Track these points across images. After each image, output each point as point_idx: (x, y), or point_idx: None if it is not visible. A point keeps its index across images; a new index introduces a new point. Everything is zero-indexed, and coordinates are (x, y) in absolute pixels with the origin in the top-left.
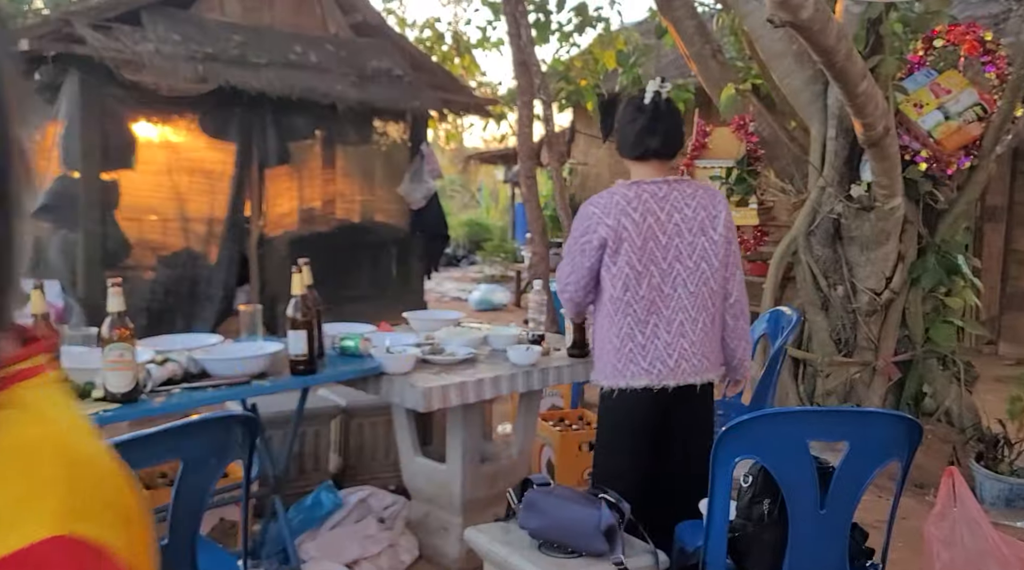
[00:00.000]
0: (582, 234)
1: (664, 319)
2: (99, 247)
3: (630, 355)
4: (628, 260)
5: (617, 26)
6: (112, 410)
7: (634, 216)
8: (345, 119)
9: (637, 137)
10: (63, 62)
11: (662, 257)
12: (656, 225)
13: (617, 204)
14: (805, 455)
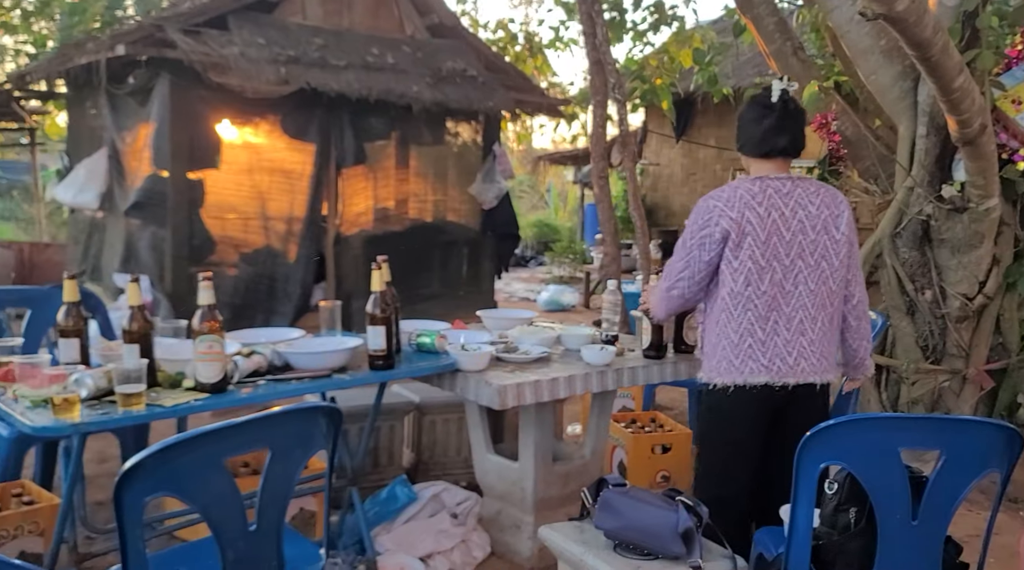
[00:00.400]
0: (702, 227)
1: (784, 316)
2: (186, 243)
3: (749, 351)
4: (751, 254)
5: (692, 24)
6: (202, 399)
7: (759, 210)
8: (419, 119)
9: (765, 135)
10: (155, 66)
11: (784, 253)
12: (780, 221)
13: (741, 198)
14: (897, 463)
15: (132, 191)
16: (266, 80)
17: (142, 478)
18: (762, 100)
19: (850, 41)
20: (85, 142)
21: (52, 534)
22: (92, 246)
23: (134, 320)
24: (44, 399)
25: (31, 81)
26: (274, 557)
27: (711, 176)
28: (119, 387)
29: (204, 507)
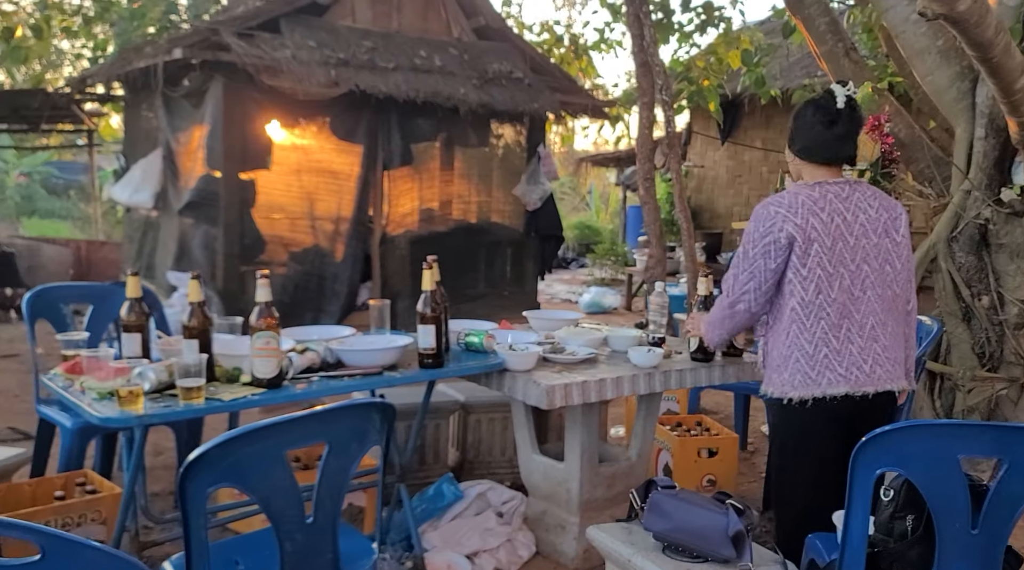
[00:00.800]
0: (764, 234)
1: (856, 323)
2: (237, 242)
3: (825, 361)
4: (819, 261)
5: (738, 25)
6: (259, 394)
7: (821, 216)
8: (465, 121)
9: (832, 143)
10: (209, 69)
11: (850, 259)
12: (843, 226)
13: (803, 203)
14: (956, 471)
15: (186, 191)
16: (316, 82)
17: (206, 469)
18: (826, 105)
19: (906, 41)
20: (140, 143)
21: (114, 522)
22: (146, 245)
23: (194, 316)
24: (110, 391)
25: (90, 84)
26: (329, 550)
27: (757, 178)
28: (180, 381)
29: (264, 499)
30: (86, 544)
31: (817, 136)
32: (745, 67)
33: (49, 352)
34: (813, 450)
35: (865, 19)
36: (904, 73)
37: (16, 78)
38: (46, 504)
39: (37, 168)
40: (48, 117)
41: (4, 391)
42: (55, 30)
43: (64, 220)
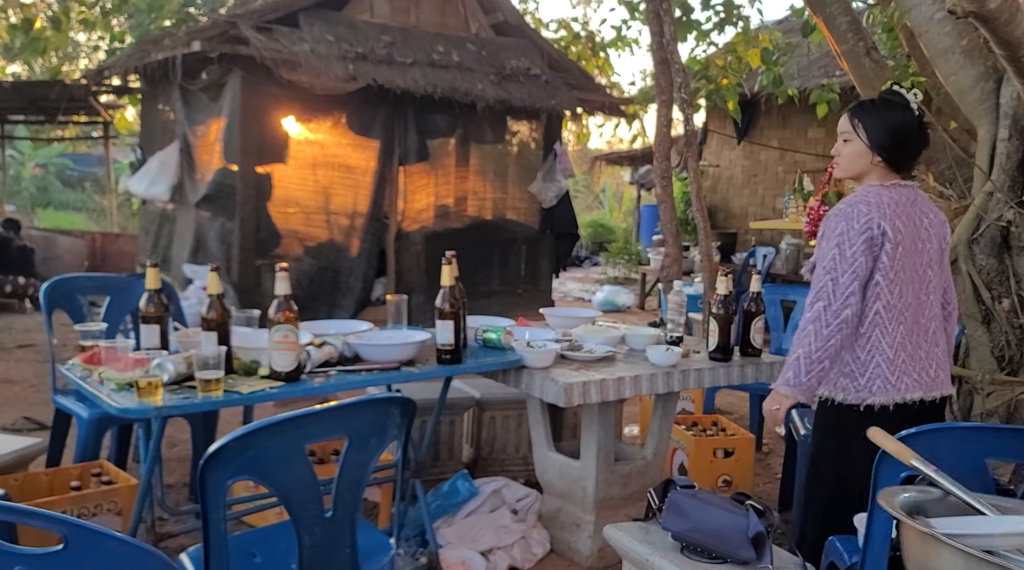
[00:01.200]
0: (862, 231)
1: (922, 327)
2: (253, 236)
3: (903, 367)
4: (903, 264)
5: (756, 24)
6: (277, 387)
7: (903, 217)
8: (482, 117)
9: (919, 147)
10: (227, 62)
11: (919, 262)
12: (917, 229)
13: (887, 204)
14: (983, 474)
15: (202, 184)
16: (334, 77)
17: (226, 461)
18: (905, 105)
19: (929, 41)
20: (157, 136)
21: (130, 513)
22: (162, 237)
23: (213, 308)
24: (128, 382)
25: (107, 76)
26: (348, 544)
27: (772, 178)
28: (199, 373)
29: (284, 492)
30: (108, 534)
31: (908, 138)
32: (763, 66)
33: (64, 343)
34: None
35: (886, 18)
36: (926, 73)
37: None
38: (63, 494)
39: (52, 160)
40: (65, 109)
41: (20, 381)
42: (73, 22)
43: (79, 212)
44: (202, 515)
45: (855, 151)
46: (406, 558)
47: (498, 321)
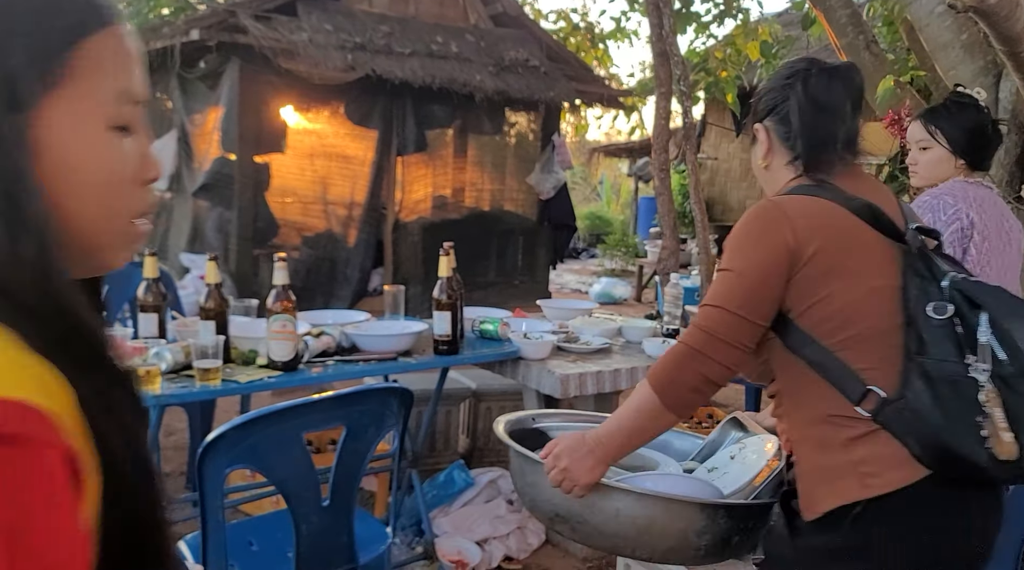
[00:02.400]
0: (949, 222)
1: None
2: (250, 225)
3: None
4: (988, 258)
5: (756, 16)
6: (275, 376)
7: (988, 212)
8: (480, 108)
9: (995, 145)
10: (226, 51)
11: (1004, 262)
12: (999, 226)
13: (973, 197)
14: None
15: (200, 173)
16: (333, 67)
17: (224, 450)
18: (976, 105)
19: (929, 35)
20: (155, 124)
21: None
22: (159, 226)
23: (211, 298)
24: None
25: None
26: (345, 533)
27: None
28: (197, 362)
29: (281, 481)
30: None
31: (986, 137)
32: (763, 59)
33: None
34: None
35: (886, 12)
36: (926, 67)
37: None
38: None
39: None
40: None
41: None
42: None
43: None
44: (200, 503)
45: (936, 157)
46: (402, 547)
47: (495, 312)
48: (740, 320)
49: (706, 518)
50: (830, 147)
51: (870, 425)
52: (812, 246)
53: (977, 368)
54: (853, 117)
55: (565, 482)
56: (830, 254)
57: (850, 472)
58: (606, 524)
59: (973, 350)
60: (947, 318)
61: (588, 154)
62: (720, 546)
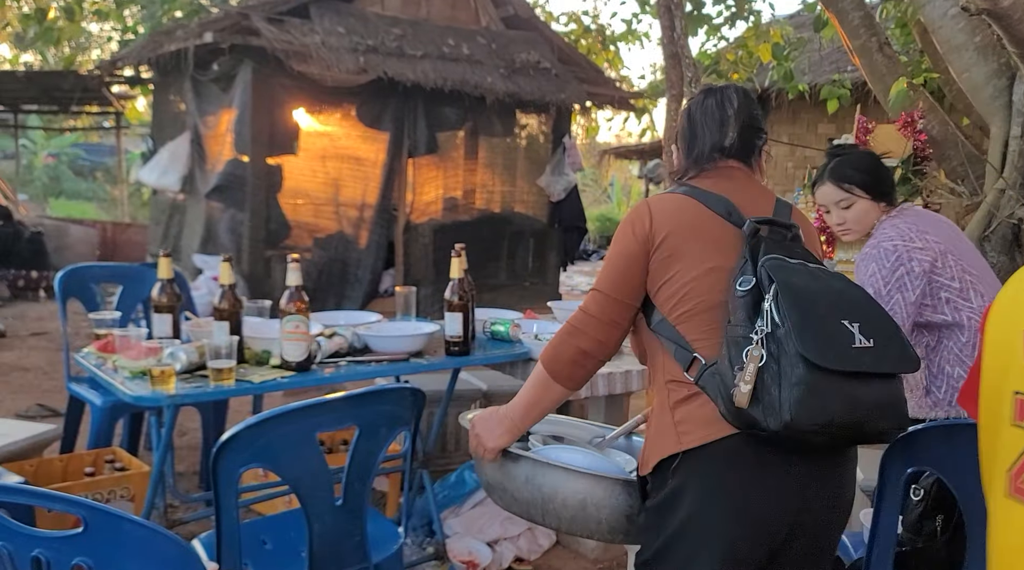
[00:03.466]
0: (893, 269)
1: None
2: (263, 227)
3: None
4: (961, 266)
5: (767, 18)
6: (288, 377)
7: (930, 231)
8: (491, 110)
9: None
10: (239, 53)
11: (972, 263)
12: (947, 234)
13: (906, 230)
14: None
15: (213, 175)
16: (345, 69)
17: (238, 449)
18: (862, 151)
19: (942, 37)
20: (168, 126)
21: (142, 500)
22: (172, 227)
23: (225, 299)
24: (142, 371)
25: (120, 67)
26: (358, 532)
27: (782, 174)
28: (211, 362)
29: (295, 480)
30: (127, 518)
31: (889, 172)
32: (774, 61)
33: (75, 331)
34: None
35: (899, 13)
36: (939, 69)
37: (48, 60)
38: (77, 479)
39: (64, 149)
40: (78, 99)
41: (34, 368)
42: (86, 12)
43: (90, 201)
44: (215, 501)
45: (862, 210)
46: (413, 547)
47: (506, 314)
48: (609, 299)
49: (601, 490)
50: (702, 156)
51: (692, 388)
52: (663, 233)
53: (757, 330)
54: (726, 127)
55: (478, 447)
56: (677, 240)
57: (671, 431)
58: (519, 490)
59: (761, 317)
60: (747, 290)
61: (598, 156)
62: (624, 522)
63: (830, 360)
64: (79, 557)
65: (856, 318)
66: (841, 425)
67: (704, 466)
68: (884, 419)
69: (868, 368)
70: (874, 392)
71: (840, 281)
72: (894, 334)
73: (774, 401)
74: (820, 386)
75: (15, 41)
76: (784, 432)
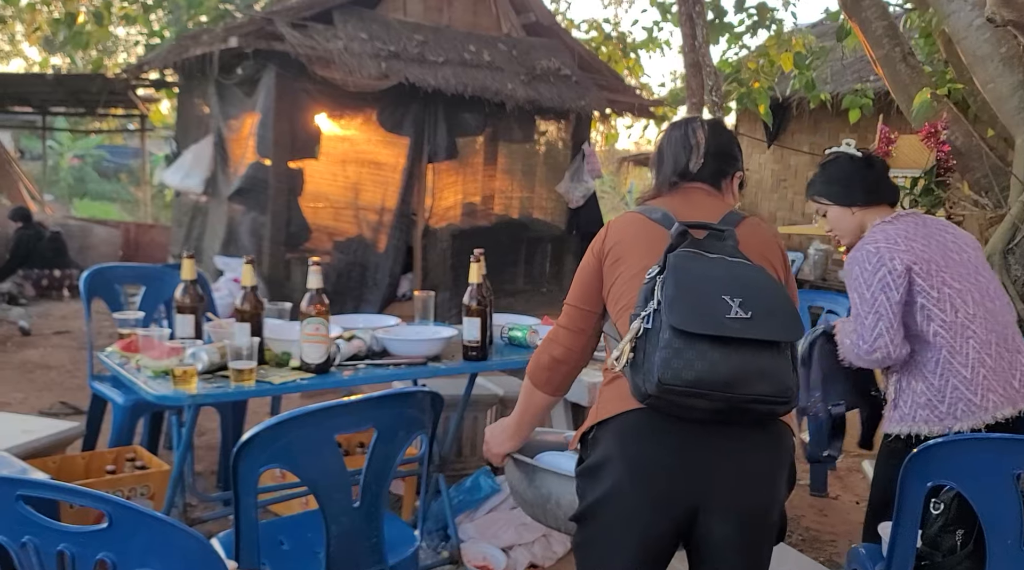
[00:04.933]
0: (875, 271)
1: (998, 335)
2: (283, 230)
3: (985, 383)
4: (942, 279)
5: (790, 27)
6: (307, 379)
7: (918, 239)
8: (511, 117)
9: (876, 177)
10: (262, 58)
11: (965, 271)
12: (939, 243)
13: (893, 235)
14: (1011, 486)
15: (235, 177)
16: (367, 74)
17: (258, 449)
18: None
19: (967, 47)
20: (192, 129)
21: (162, 498)
22: (195, 229)
23: (247, 300)
24: (164, 370)
25: (146, 70)
26: (375, 534)
27: (802, 183)
28: (232, 363)
29: (313, 481)
30: (151, 514)
31: (859, 175)
32: (796, 70)
33: (98, 330)
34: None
35: (923, 23)
36: (963, 80)
37: (77, 63)
38: (98, 477)
39: (90, 151)
40: (104, 102)
41: (57, 367)
42: (114, 17)
43: (113, 202)
44: (234, 501)
45: (835, 216)
46: (428, 551)
47: (524, 319)
48: (574, 309)
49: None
50: (665, 180)
51: (616, 374)
52: (611, 244)
53: (647, 308)
54: (689, 153)
55: (487, 453)
56: (621, 248)
57: (593, 409)
58: (526, 492)
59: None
60: (651, 277)
61: (617, 163)
62: None
63: (695, 326)
64: (103, 552)
65: (739, 295)
66: (710, 384)
67: (610, 436)
68: (760, 382)
69: (735, 334)
70: (743, 357)
71: (749, 270)
72: (780, 310)
73: (649, 364)
74: (684, 348)
75: (45, 45)
76: (659, 394)
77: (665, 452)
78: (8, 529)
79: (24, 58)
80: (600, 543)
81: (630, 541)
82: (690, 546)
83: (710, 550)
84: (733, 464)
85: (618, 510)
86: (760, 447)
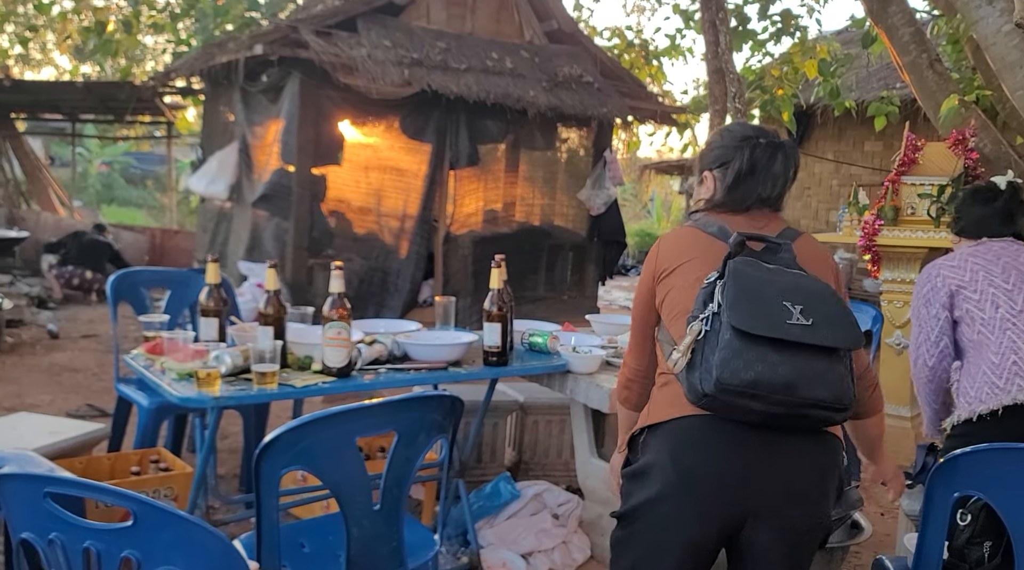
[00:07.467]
0: (926, 293)
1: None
2: (306, 235)
3: (1013, 368)
4: (990, 281)
5: (814, 34)
6: (329, 382)
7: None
8: (532, 124)
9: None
10: (287, 65)
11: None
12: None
13: (961, 259)
14: None
15: (260, 184)
16: (390, 81)
17: (279, 452)
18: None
19: (995, 54)
20: (218, 136)
21: (185, 499)
22: (219, 234)
23: (270, 304)
24: (189, 373)
25: (173, 78)
26: (395, 538)
27: (827, 191)
28: (255, 366)
29: (334, 483)
30: (176, 514)
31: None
32: (820, 77)
33: (124, 333)
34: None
35: (951, 30)
36: (992, 86)
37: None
38: (123, 478)
39: (117, 158)
40: (132, 109)
41: (84, 370)
42: (143, 25)
43: (140, 208)
44: (256, 503)
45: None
46: (448, 557)
47: (545, 325)
48: (635, 324)
49: None
50: (743, 200)
51: (669, 377)
52: (664, 258)
53: (706, 311)
54: (778, 183)
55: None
56: (674, 262)
57: (644, 412)
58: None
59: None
60: (709, 283)
61: (639, 171)
62: None
63: (757, 328)
64: (128, 549)
65: (800, 302)
66: (768, 386)
67: (659, 441)
68: (818, 387)
69: (796, 338)
70: (803, 361)
71: (808, 280)
72: (841, 319)
73: (708, 365)
74: (744, 349)
75: (75, 53)
76: (716, 393)
77: (716, 460)
78: (36, 526)
79: (55, 66)
80: (640, 543)
81: (673, 545)
82: (732, 549)
83: (753, 555)
84: (784, 474)
85: (664, 514)
86: (811, 457)
